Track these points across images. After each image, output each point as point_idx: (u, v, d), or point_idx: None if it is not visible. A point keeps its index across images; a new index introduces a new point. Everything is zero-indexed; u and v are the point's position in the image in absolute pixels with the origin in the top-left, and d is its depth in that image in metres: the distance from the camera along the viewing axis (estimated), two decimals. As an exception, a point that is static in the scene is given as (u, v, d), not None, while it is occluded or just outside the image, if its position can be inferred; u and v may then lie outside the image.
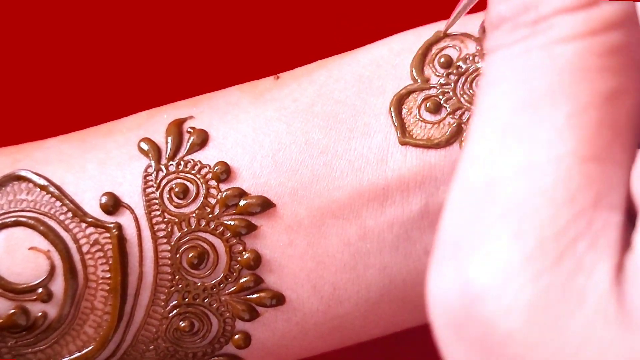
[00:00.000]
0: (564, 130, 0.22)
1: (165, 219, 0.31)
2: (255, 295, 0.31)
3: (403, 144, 0.30)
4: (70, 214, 0.31)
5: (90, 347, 0.32)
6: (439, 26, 0.32)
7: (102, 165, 0.32)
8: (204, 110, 0.33)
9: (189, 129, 0.32)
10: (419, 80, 0.31)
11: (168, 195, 0.31)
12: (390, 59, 0.32)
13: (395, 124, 0.31)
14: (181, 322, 0.32)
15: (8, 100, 0.43)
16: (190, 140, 0.32)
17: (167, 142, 0.32)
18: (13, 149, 0.33)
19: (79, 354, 0.32)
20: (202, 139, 0.32)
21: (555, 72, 0.22)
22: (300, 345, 0.33)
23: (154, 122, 0.33)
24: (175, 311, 0.32)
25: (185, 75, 0.40)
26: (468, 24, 0.31)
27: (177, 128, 0.32)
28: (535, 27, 0.22)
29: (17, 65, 0.43)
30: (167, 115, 0.33)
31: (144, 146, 0.32)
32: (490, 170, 0.22)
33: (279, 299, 0.31)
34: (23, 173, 0.32)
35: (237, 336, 0.32)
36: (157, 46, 0.43)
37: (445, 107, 0.31)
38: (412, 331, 0.38)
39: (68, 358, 0.32)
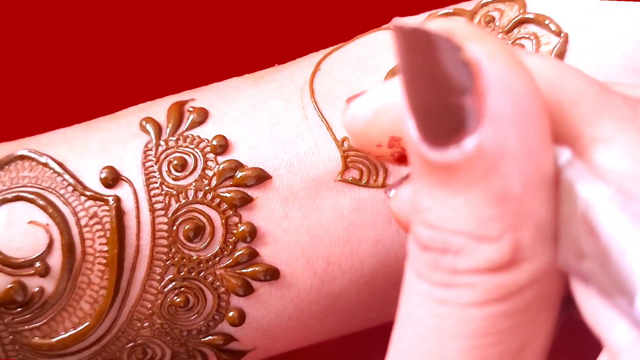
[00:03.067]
0: None
1: (163, 192, 0.31)
2: (250, 269, 0.31)
3: None
4: (70, 188, 0.32)
5: (86, 324, 0.32)
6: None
7: (104, 143, 0.32)
8: (206, 94, 0.33)
9: (190, 109, 0.33)
10: None
11: (167, 168, 0.32)
12: (386, 41, 0.33)
13: None
14: (176, 297, 0.31)
15: (8, 100, 0.43)
16: (191, 118, 0.32)
17: (168, 121, 0.32)
18: (22, 140, 0.34)
19: (74, 331, 0.32)
20: (202, 117, 0.32)
21: (466, 337, 0.21)
22: (296, 326, 0.32)
23: (156, 105, 0.33)
24: (170, 285, 0.31)
25: (185, 75, 0.41)
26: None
27: (178, 108, 0.33)
28: (452, 278, 0.21)
29: (17, 65, 0.44)
30: (170, 100, 0.34)
31: (145, 124, 0.32)
32: None
33: (273, 273, 0.31)
34: (25, 152, 0.32)
35: (231, 313, 0.32)
36: (158, 47, 0.44)
37: None
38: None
39: (63, 335, 0.32)
